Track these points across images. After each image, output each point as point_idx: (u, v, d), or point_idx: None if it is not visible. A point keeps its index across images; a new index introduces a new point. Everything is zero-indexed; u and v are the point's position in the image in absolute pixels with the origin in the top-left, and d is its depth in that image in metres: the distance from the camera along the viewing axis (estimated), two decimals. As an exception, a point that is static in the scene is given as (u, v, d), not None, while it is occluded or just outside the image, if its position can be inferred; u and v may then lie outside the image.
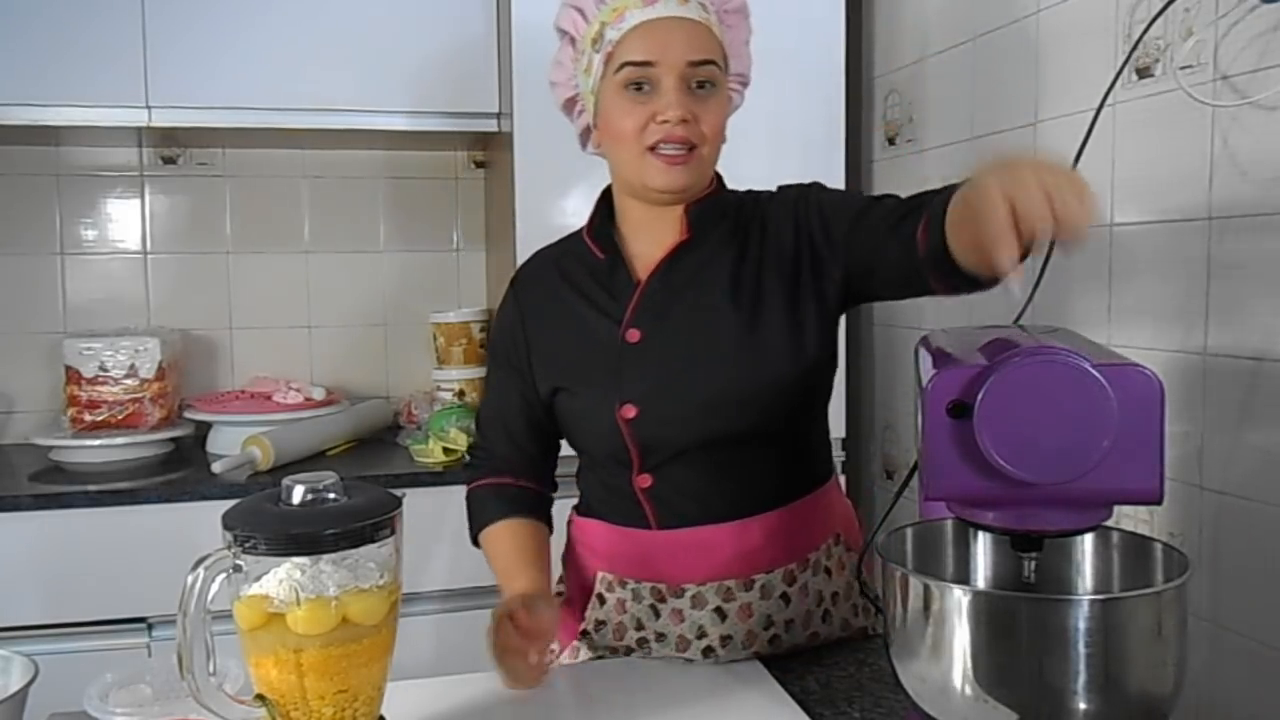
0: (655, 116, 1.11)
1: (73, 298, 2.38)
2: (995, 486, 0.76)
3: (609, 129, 1.16)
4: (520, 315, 1.26)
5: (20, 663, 0.88)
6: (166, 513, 1.87)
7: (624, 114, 1.13)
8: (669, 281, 1.19)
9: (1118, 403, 0.73)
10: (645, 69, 1.11)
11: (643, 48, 1.12)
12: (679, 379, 1.16)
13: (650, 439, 1.16)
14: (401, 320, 2.54)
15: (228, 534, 0.80)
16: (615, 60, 1.13)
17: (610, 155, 1.20)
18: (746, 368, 1.15)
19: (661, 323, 1.18)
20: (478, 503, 1.30)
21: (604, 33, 1.14)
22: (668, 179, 1.13)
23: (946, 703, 0.80)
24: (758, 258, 1.19)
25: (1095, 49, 1.55)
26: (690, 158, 1.13)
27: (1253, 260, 1.31)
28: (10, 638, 1.73)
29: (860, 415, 2.33)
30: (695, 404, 1.15)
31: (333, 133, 2.22)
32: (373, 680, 0.85)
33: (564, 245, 1.29)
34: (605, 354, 1.19)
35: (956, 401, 0.75)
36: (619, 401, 1.16)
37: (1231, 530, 1.35)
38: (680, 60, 1.11)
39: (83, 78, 1.99)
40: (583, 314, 1.22)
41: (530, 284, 1.28)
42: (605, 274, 1.21)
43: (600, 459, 1.23)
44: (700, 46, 1.13)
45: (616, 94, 1.14)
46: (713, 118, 1.14)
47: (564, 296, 1.24)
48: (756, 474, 1.18)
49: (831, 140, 2.09)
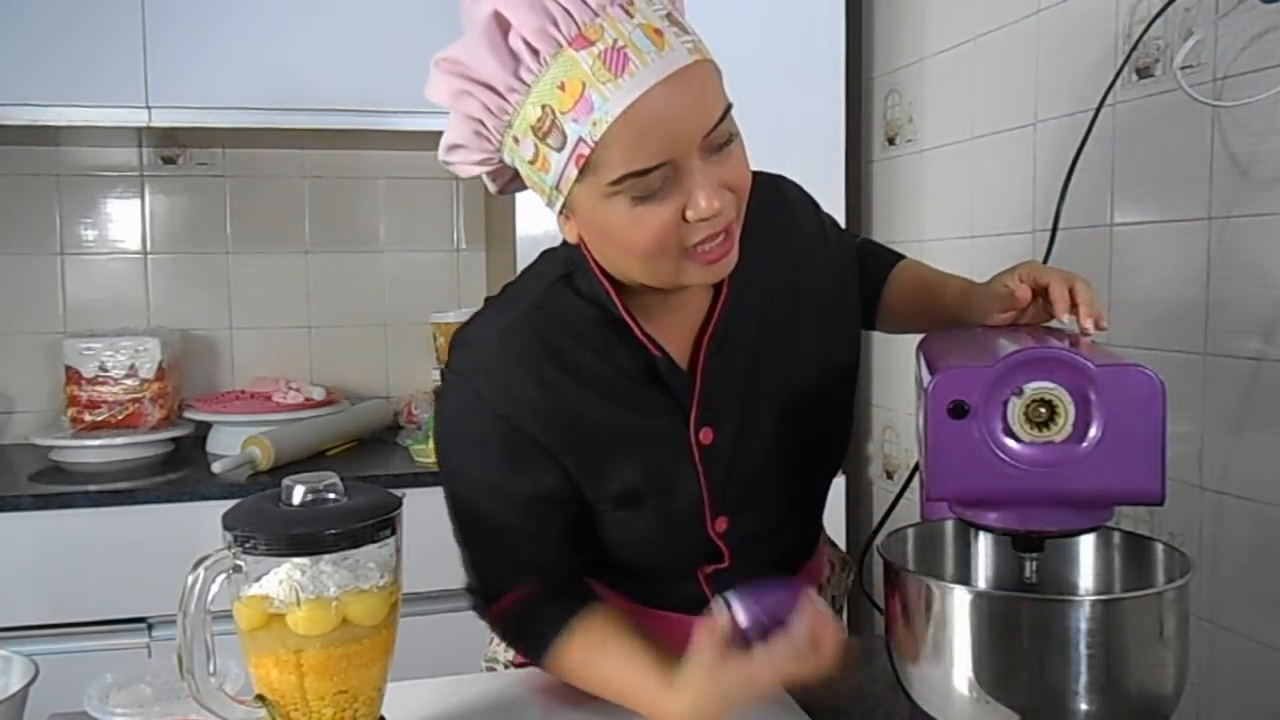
0: (684, 215, 0.83)
1: (73, 298, 2.38)
2: (996, 487, 0.76)
3: (612, 239, 0.87)
4: (529, 438, 0.93)
5: (20, 663, 0.88)
6: (166, 513, 1.87)
7: (635, 227, 0.83)
8: (725, 356, 0.97)
9: (1118, 403, 0.73)
10: (656, 172, 0.81)
11: (645, 149, 0.79)
12: (772, 472, 1.00)
13: (745, 539, 1.01)
14: (401, 320, 2.54)
15: (228, 534, 0.80)
16: (603, 171, 0.81)
17: (613, 261, 0.90)
18: (825, 416, 1.03)
19: (732, 409, 0.97)
20: (522, 622, 1.00)
21: (559, 125, 0.81)
22: (713, 275, 0.88)
23: (947, 703, 0.80)
24: (795, 260, 1.02)
25: (1095, 49, 1.55)
26: (732, 238, 0.87)
27: (1253, 260, 1.31)
28: (10, 638, 1.72)
29: (860, 415, 2.32)
30: (791, 490, 1.03)
31: (333, 133, 2.21)
32: (373, 681, 0.85)
33: (545, 323, 0.94)
34: (679, 466, 0.96)
35: (957, 401, 0.75)
36: (712, 516, 0.98)
37: (1231, 530, 1.35)
38: (697, 138, 0.81)
39: (83, 78, 1.99)
40: (632, 421, 0.95)
41: (525, 394, 0.93)
42: (658, 370, 0.95)
43: (669, 569, 1.02)
44: (710, 105, 0.82)
45: (609, 203, 0.83)
46: (742, 174, 0.87)
47: (590, 407, 0.94)
48: (814, 527, 1.13)
49: (831, 140, 2.09)
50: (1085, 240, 1.56)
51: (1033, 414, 0.74)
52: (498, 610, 1.01)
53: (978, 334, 0.91)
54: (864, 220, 2.29)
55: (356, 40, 2.10)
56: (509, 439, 0.93)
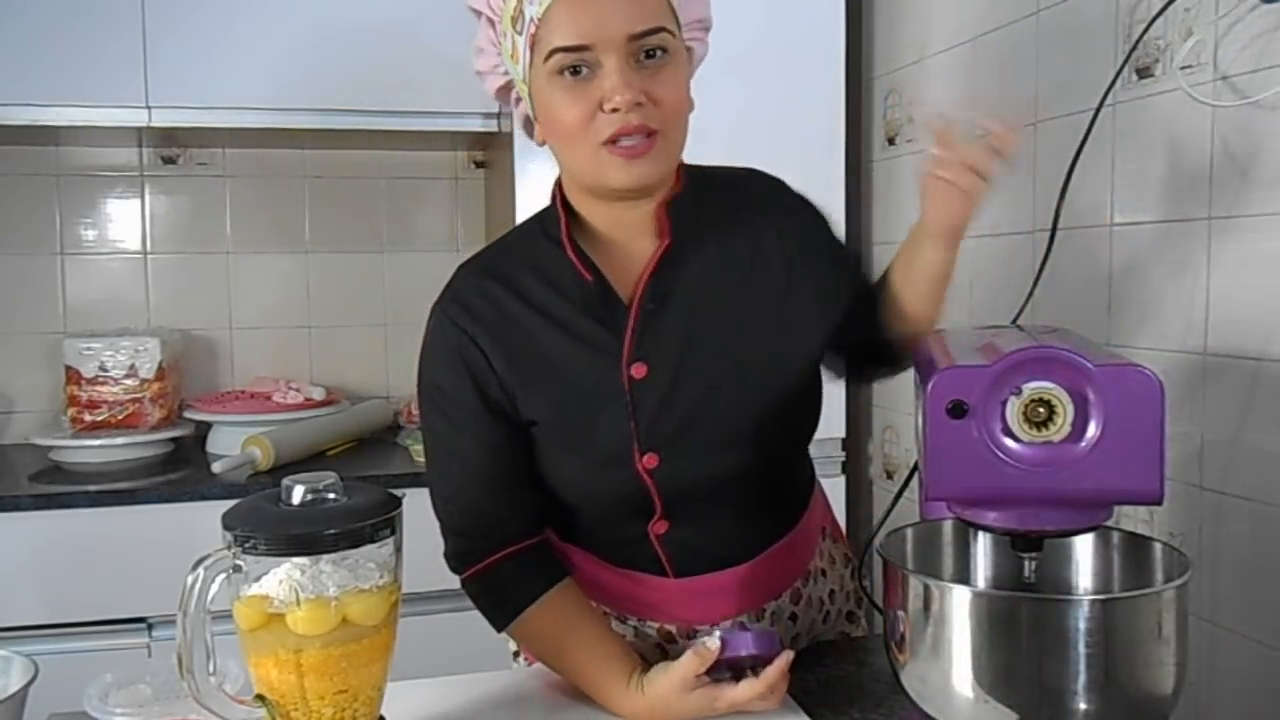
0: (601, 105, 0.93)
1: (73, 298, 2.38)
2: (995, 486, 0.76)
3: (551, 124, 0.98)
4: (476, 346, 1.03)
5: (20, 663, 0.88)
6: (166, 513, 1.87)
7: (563, 107, 0.94)
8: (663, 298, 1.02)
9: (1117, 403, 0.73)
10: (578, 54, 0.92)
11: (570, 28, 0.91)
12: (703, 415, 1.02)
13: (675, 485, 1.03)
14: (401, 320, 2.54)
15: (228, 534, 0.80)
16: (541, 45, 0.93)
17: (559, 152, 1.01)
18: (772, 384, 1.04)
19: (668, 350, 1.02)
20: (494, 589, 1.05)
21: (522, 9, 0.94)
22: (629, 175, 0.95)
23: (947, 703, 0.80)
24: (753, 247, 1.06)
25: (1095, 49, 1.55)
26: (651, 145, 0.95)
27: (1252, 260, 1.31)
28: (10, 638, 1.72)
29: (860, 415, 2.32)
30: (725, 438, 1.03)
31: (333, 133, 2.21)
32: (373, 680, 0.85)
33: (506, 257, 1.08)
34: (608, 396, 1.01)
35: (956, 401, 0.75)
36: (640, 451, 1.01)
37: (1231, 530, 1.35)
38: (620, 35, 0.91)
39: (82, 78, 1.99)
40: (567, 347, 1.02)
41: (477, 308, 1.04)
42: (594, 298, 1.02)
43: (605, 511, 1.07)
44: (642, 12, 0.93)
45: (550, 83, 0.94)
46: (670, 91, 0.95)
47: (530, 323, 1.03)
48: (775, 501, 1.12)
49: (831, 140, 2.09)
50: (1085, 240, 1.56)
51: (1031, 414, 0.74)
52: (473, 572, 1.06)
53: (978, 334, 0.91)
54: (864, 220, 2.29)
55: (356, 40, 2.10)
56: (463, 349, 1.03)
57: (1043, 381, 0.74)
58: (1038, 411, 0.74)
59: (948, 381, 0.75)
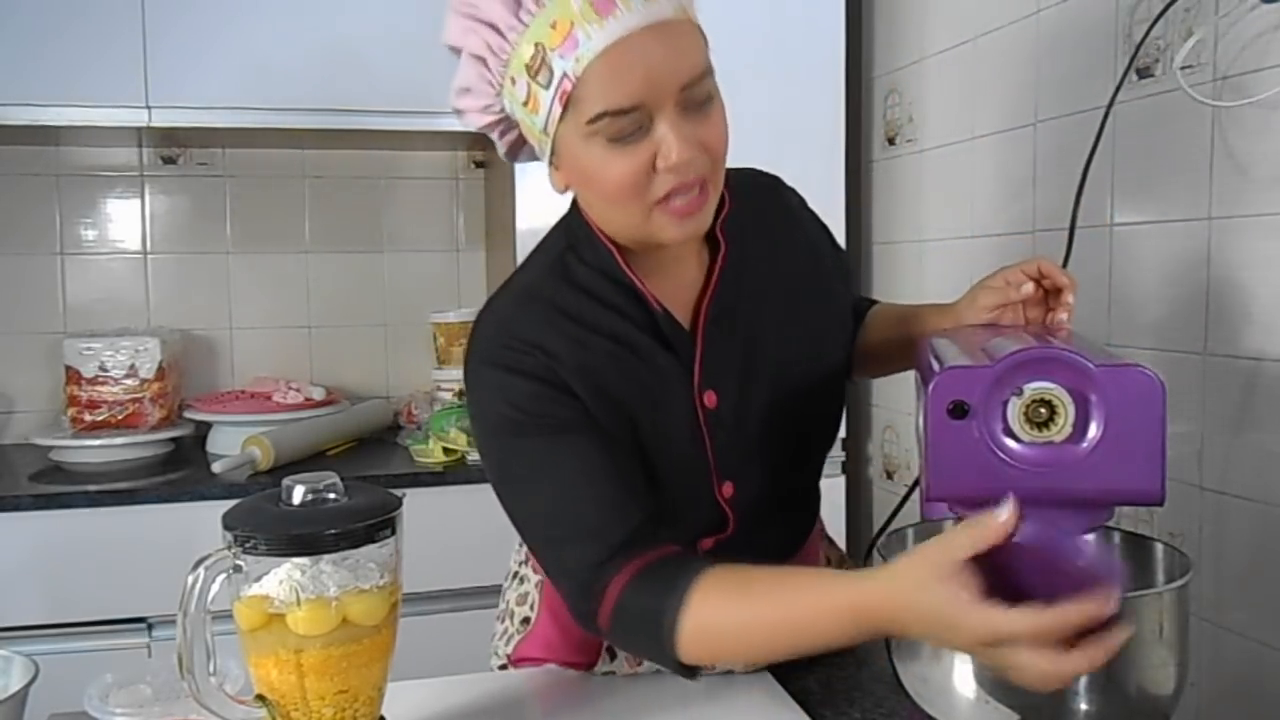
0: (656, 163, 0.86)
1: (73, 298, 2.38)
2: (996, 487, 0.76)
3: (588, 182, 0.91)
4: (557, 372, 0.93)
5: (20, 663, 0.88)
6: (166, 513, 1.87)
7: (609, 167, 0.87)
8: (721, 320, 0.99)
9: (1118, 403, 0.73)
10: (631, 115, 0.85)
11: (619, 90, 0.84)
12: (771, 435, 1.01)
13: (750, 506, 1.02)
14: (401, 320, 2.54)
15: (228, 534, 0.80)
16: (583, 107, 0.85)
17: (596, 209, 0.94)
18: (820, 391, 1.06)
19: (732, 373, 0.99)
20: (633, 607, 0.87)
21: (548, 61, 0.85)
22: (682, 232, 0.90)
23: (948, 703, 0.80)
24: (789, 255, 1.06)
25: (1095, 49, 1.55)
26: (704, 199, 0.90)
27: (1253, 260, 1.31)
28: (10, 638, 1.72)
29: (860, 415, 2.33)
30: (791, 453, 1.05)
31: (333, 133, 2.21)
32: (373, 680, 0.85)
33: (560, 285, 0.97)
34: (686, 427, 0.97)
35: (957, 401, 0.75)
36: (718, 481, 1.00)
37: (1231, 530, 1.35)
38: (672, 89, 0.85)
39: (82, 78, 1.99)
40: (642, 375, 0.96)
41: (544, 340, 0.93)
42: (662, 325, 0.97)
43: (677, 533, 0.95)
44: (689, 60, 0.86)
45: (588, 141, 0.87)
46: (718, 134, 0.90)
47: (605, 352, 0.95)
48: (810, 505, 1.15)
49: (831, 140, 2.09)
50: (1085, 240, 1.56)
51: (1033, 414, 0.74)
52: (605, 608, 0.88)
53: (978, 334, 0.91)
54: (864, 220, 2.29)
55: (355, 40, 2.10)
56: (547, 371, 0.92)
57: (1044, 382, 0.74)
58: (1039, 412, 0.74)
59: (949, 382, 0.75)
